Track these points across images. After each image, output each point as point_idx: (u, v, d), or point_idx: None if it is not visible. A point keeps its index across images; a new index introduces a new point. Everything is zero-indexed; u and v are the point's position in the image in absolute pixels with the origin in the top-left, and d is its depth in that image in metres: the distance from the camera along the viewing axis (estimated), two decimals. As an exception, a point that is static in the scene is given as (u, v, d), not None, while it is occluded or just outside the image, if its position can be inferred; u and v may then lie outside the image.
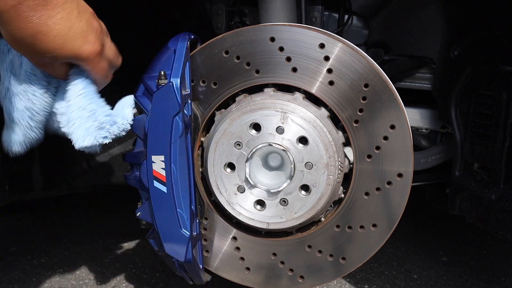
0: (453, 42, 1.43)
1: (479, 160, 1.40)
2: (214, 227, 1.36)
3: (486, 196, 1.37)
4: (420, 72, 1.61)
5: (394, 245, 2.18)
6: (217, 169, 1.25)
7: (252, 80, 1.25)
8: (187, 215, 1.22)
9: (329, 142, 1.20)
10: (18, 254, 2.13)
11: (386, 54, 1.58)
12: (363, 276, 1.92)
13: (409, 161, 1.21)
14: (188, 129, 1.21)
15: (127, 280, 1.92)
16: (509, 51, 1.29)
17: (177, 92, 1.16)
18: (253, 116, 1.21)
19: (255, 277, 1.37)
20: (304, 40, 1.19)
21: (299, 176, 1.21)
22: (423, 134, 1.69)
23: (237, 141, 1.22)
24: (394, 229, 1.26)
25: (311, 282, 1.34)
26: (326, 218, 1.30)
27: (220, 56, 1.24)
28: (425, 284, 1.87)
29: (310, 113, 1.22)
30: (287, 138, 1.20)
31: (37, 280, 1.94)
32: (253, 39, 1.22)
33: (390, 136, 1.20)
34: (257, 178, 1.24)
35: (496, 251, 2.15)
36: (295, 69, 1.21)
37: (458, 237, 2.27)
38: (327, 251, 1.31)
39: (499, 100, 1.31)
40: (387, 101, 1.19)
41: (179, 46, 1.20)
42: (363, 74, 1.19)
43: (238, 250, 1.36)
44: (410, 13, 1.49)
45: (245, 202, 1.26)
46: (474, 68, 1.38)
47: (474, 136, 1.40)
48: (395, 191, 1.23)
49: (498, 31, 1.32)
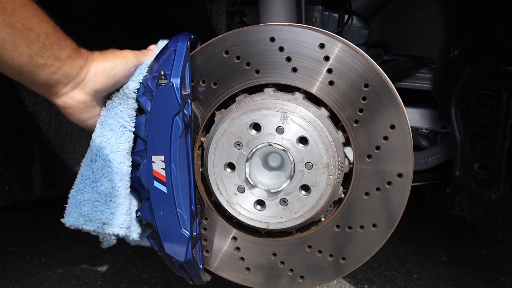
0: (453, 42, 1.43)
1: (479, 160, 1.40)
2: (214, 227, 1.36)
3: (486, 196, 1.37)
4: (420, 72, 1.61)
5: (394, 245, 2.18)
6: (217, 169, 1.25)
7: (252, 80, 1.25)
8: (187, 215, 1.22)
9: (329, 142, 1.20)
10: (18, 254, 2.13)
11: (386, 54, 1.58)
12: (363, 276, 1.92)
13: (409, 161, 1.21)
14: (188, 129, 1.21)
15: (127, 280, 1.92)
16: (509, 51, 1.29)
17: (177, 92, 1.16)
18: (253, 116, 1.21)
19: (255, 277, 1.37)
20: (304, 40, 1.19)
21: (299, 176, 1.21)
22: (423, 134, 1.69)
23: (237, 141, 1.22)
24: (394, 229, 1.26)
25: (311, 282, 1.34)
26: (326, 218, 1.30)
27: (220, 56, 1.24)
28: (425, 284, 1.87)
29: (310, 113, 1.22)
30: (287, 138, 1.20)
31: (37, 280, 1.94)
32: (253, 39, 1.22)
33: (390, 136, 1.20)
34: (257, 178, 1.24)
35: (496, 251, 2.15)
36: (295, 69, 1.21)
37: (458, 237, 2.27)
38: (327, 251, 1.31)
39: (499, 100, 1.31)
40: (387, 101, 1.19)
41: (179, 46, 1.20)
42: (363, 74, 1.19)
43: (238, 250, 1.36)
44: (410, 13, 1.49)
45: (245, 202, 1.26)
46: (474, 68, 1.38)
47: (474, 136, 1.40)
48: (395, 191, 1.23)
49: (498, 31, 1.32)
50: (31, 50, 1.02)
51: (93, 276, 1.96)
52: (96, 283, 1.91)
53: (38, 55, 1.03)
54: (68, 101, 1.14)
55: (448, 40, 1.44)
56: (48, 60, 1.05)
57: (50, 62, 1.06)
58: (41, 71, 1.06)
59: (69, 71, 1.10)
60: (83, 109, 1.17)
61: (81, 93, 1.15)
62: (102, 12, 1.78)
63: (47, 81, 1.08)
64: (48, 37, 1.04)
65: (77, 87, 1.14)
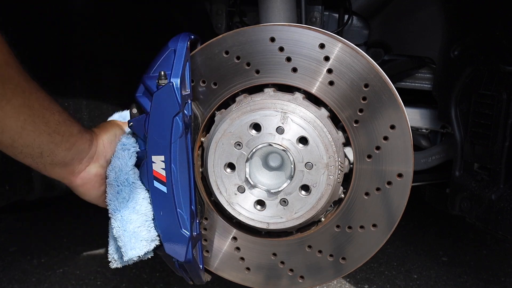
0: (453, 42, 1.43)
1: (479, 160, 1.40)
2: (214, 227, 1.36)
3: (486, 196, 1.37)
4: (420, 72, 1.61)
5: (394, 245, 2.18)
6: (217, 169, 1.25)
7: (252, 80, 1.25)
8: (187, 215, 1.22)
9: (329, 142, 1.20)
10: (18, 254, 2.13)
11: (386, 54, 1.58)
12: (363, 276, 1.92)
13: (409, 161, 1.21)
14: (188, 129, 1.21)
15: (127, 280, 1.92)
16: (509, 51, 1.29)
17: (177, 92, 1.16)
18: (253, 116, 1.21)
19: (255, 277, 1.37)
20: (304, 40, 1.19)
21: (299, 176, 1.21)
22: (423, 134, 1.69)
23: (237, 141, 1.22)
24: (394, 229, 1.26)
25: (311, 282, 1.34)
26: (326, 218, 1.30)
27: (220, 56, 1.24)
28: (425, 284, 1.87)
29: (310, 113, 1.22)
30: (287, 138, 1.20)
31: (37, 280, 1.94)
32: (253, 39, 1.22)
33: (390, 136, 1.20)
34: (257, 178, 1.24)
35: (496, 251, 2.15)
36: (295, 69, 1.21)
37: (458, 237, 2.27)
38: (327, 251, 1.31)
39: (499, 100, 1.31)
40: (387, 101, 1.19)
41: (179, 46, 1.20)
42: (363, 74, 1.19)
43: (238, 250, 1.36)
44: (410, 13, 1.49)
45: (245, 202, 1.26)
46: (474, 68, 1.38)
47: (474, 136, 1.40)
48: (395, 191, 1.23)
49: (498, 31, 1.32)
50: (49, 128, 1.07)
51: (93, 276, 1.96)
52: (96, 283, 1.91)
53: (55, 132, 1.08)
54: (85, 176, 1.19)
55: (448, 40, 1.44)
56: (64, 136, 1.11)
57: (66, 138, 1.11)
58: (59, 147, 1.10)
59: (82, 146, 1.16)
60: (100, 183, 1.22)
61: (96, 166, 1.20)
62: (102, 12, 1.78)
63: (64, 159, 1.13)
64: (61, 115, 1.10)
65: (91, 161, 1.19)
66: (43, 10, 1.65)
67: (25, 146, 1.06)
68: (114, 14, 1.81)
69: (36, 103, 1.05)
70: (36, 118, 1.05)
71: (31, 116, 1.04)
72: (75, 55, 1.78)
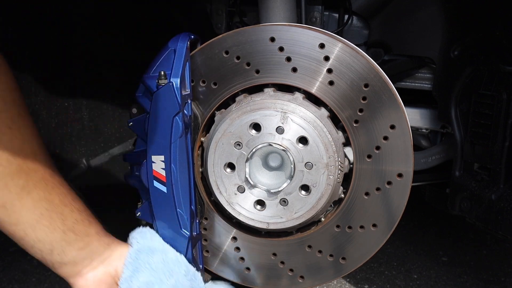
0: (453, 42, 1.43)
1: (479, 160, 1.40)
2: (214, 227, 1.36)
3: (486, 196, 1.37)
4: (420, 72, 1.60)
5: (394, 245, 2.18)
6: (217, 169, 1.25)
7: (252, 80, 1.25)
8: (187, 215, 1.22)
9: (329, 142, 1.20)
10: (18, 254, 2.13)
11: (386, 54, 1.58)
12: (363, 276, 1.92)
13: (409, 161, 1.21)
14: (188, 129, 1.21)
15: (127, 280, 1.92)
16: (509, 51, 1.29)
17: (177, 92, 1.16)
18: (253, 116, 1.21)
19: (255, 277, 1.37)
20: (304, 40, 1.19)
21: (299, 176, 1.21)
22: (423, 134, 1.69)
23: (237, 141, 1.22)
24: (394, 229, 1.26)
25: (311, 282, 1.34)
26: (326, 218, 1.30)
27: (220, 56, 1.24)
28: (425, 284, 1.87)
29: (310, 113, 1.22)
30: (287, 138, 1.20)
31: (37, 280, 1.94)
32: (253, 39, 1.22)
33: (390, 136, 1.20)
34: (257, 178, 1.24)
35: (496, 251, 2.15)
36: (295, 69, 1.21)
37: (458, 237, 2.27)
38: (327, 251, 1.31)
39: (499, 100, 1.31)
40: (387, 101, 1.19)
41: (179, 46, 1.20)
42: (363, 74, 1.19)
43: (238, 250, 1.36)
44: (410, 13, 1.49)
45: (245, 202, 1.26)
46: (474, 68, 1.38)
47: (474, 136, 1.40)
48: (395, 191, 1.23)
49: (498, 31, 1.32)
50: (65, 225, 1.05)
51: (93, 276, 1.96)
52: (96, 283, 1.91)
53: (70, 230, 1.06)
54: (90, 278, 1.15)
55: (448, 40, 1.44)
56: (79, 236, 1.08)
57: (80, 237, 1.08)
58: (71, 246, 1.08)
59: (96, 248, 1.13)
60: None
61: (103, 271, 1.16)
62: (102, 12, 1.78)
63: (75, 258, 1.10)
64: (80, 213, 1.08)
65: (101, 264, 1.16)
66: (43, 10, 1.65)
67: (37, 241, 1.04)
68: (114, 14, 1.81)
69: (56, 198, 1.03)
70: (54, 214, 1.03)
71: (49, 210, 1.02)
72: (75, 55, 1.78)
